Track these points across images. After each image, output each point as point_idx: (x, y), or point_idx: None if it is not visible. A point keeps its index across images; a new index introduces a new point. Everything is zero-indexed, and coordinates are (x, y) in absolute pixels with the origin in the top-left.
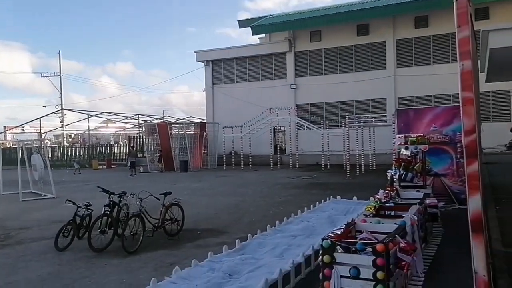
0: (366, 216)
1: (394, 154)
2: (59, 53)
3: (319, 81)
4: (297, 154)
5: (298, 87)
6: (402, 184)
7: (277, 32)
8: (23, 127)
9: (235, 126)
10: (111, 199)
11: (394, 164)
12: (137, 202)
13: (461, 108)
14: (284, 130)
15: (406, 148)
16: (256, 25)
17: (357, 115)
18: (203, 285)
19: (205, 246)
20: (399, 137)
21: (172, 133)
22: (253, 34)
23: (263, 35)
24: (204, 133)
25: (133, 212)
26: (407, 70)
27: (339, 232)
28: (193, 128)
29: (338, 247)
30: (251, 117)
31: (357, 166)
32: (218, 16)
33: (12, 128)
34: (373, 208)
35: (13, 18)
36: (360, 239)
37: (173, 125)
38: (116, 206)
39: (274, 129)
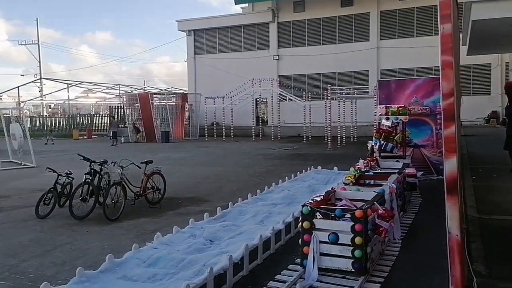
0: (346, 184)
1: (375, 125)
2: (37, 20)
3: (302, 53)
4: (279, 126)
5: (280, 58)
6: (382, 154)
7: (260, 2)
8: (0, 96)
9: (217, 97)
10: (92, 167)
11: (375, 135)
12: (118, 171)
13: (440, 71)
14: (266, 101)
15: (387, 119)
16: None
17: (339, 87)
18: (184, 250)
19: (186, 214)
20: (380, 107)
21: (154, 104)
22: (236, 4)
23: (246, 5)
24: (186, 104)
25: (114, 180)
26: (390, 42)
27: (318, 199)
28: (174, 99)
29: (317, 213)
30: (233, 88)
31: (339, 138)
32: None
33: None
34: (353, 177)
35: None
36: (339, 206)
37: (154, 95)
38: (97, 175)
39: (256, 100)
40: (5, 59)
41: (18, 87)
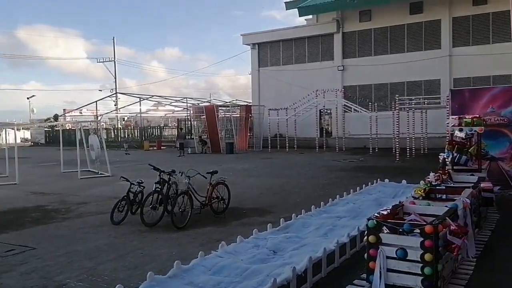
0: (415, 198)
1: (447, 137)
2: (113, 40)
3: (368, 62)
4: (343, 137)
5: (345, 69)
6: (455, 167)
7: (325, 13)
8: (81, 110)
9: (281, 109)
10: (161, 176)
11: (447, 147)
12: (186, 180)
13: None
14: (331, 112)
15: (460, 130)
16: (303, 6)
17: (408, 97)
18: (248, 260)
19: (250, 224)
20: (453, 118)
21: (219, 116)
22: (300, 16)
23: (310, 16)
24: (250, 116)
25: (182, 190)
26: (463, 50)
27: (385, 213)
28: (239, 111)
29: (384, 227)
30: (297, 100)
31: (407, 150)
32: None
33: (71, 111)
34: (423, 191)
35: (69, 5)
36: (408, 221)
37: (219, 107)
38: (166, 184)
39: (320, 111)
40: (85, 75)
41: (96, 101)
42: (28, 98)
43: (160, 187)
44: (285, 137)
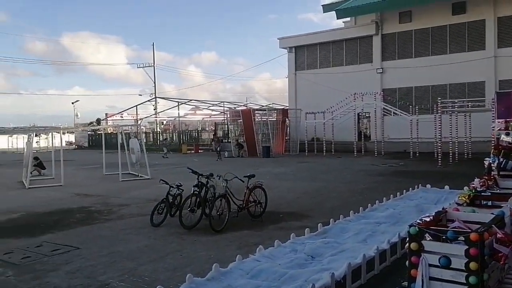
0: (459, 205)
1: (492, 141)
2: (153, 45)
3: (408, 64)
4: (382, 141)
5: (384, 71)
6: (501, 173)
7: (364, 15)
8: (122, 114)
9: (318, 112)
10: (199, 180)
11: (493, 151)
12: (223, 184)
13: None
14: (369, 116)
15: (507, 134)
16: (341, 8)
17: (450, 100)
18: (285, 264)
19: (287, 228)
20: (498, 122)
21: (255, 120)
22: (337, 18)
23: (348, 19)
24: (287, 119)
25: (219, 193)
26: (509, 51)
27: (428, 220)
28: (275, 115)
29: (426, 234)
30: (334, 103)
31: (450, 154)
32: (299, 1)
33: (113, 115)
34: (467, 197)
35: (110, 12)
36: (451, 228)
37: (256, 111)
38: (204, 187)
39: (358, 115)
40: (125, 80)
41: (136, 106)
42: (72, 103)
43: (198, 190)
44: (322, 141)
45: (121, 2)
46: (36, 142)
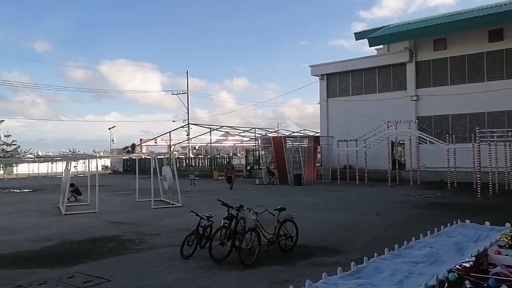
0: (500, 247)
1: None
2: (187, 73)
3: (443, 92)
4: (418, 170)
5: (419, 99)
6: None
7: (397, 42)
8: (156, 140)
9: (350, 140)
10: (230, 212)
11: None
12: (253, 217)
13: None
14: (404, 144)
15: None
16: (374, 36)
17: (489, 129)
18: None
19: (318, 264)
20: None
21: (286, 146)
22: (370, 46)
23: (381, 46)
24: (318, 147)
25: (250, 226)
26: None
27: (467, 265)
28: (307, 142)
29: (467, 281)
30: (367, 130)
31: (490, 185)
32: (330, 28)
33: (147, 141)
34: (509, 238)
35: (146, 41)
36: (493, 274)
37: (287, 138)
38: (234, 219)
39: (392, 143)
40: (159, 106)
41: (169, 132)
42: (109, 129)
43: (228, 222)
44: (355, 169)
45: (157, 31)
46: (74, 166)
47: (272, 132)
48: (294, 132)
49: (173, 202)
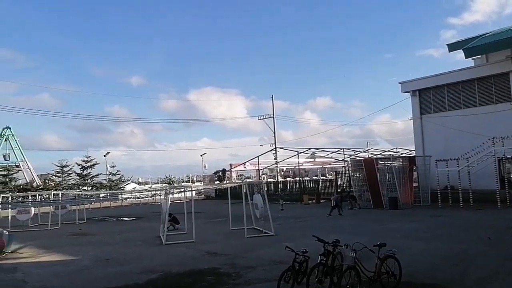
0: None
1: None
2: (272, 98)
3: None
4: None
5: None
6: None
7: (496, 51)
8: (245, 164)
9: (450, 159)
10: (326, 248)
11: None
12: (352, 254)
13: None
14: None
15: None
16: (470, 47)
17: None
18: None
19: None
20: None
21: (379, 168)
22: (466, 57)
23: (478, 56)
24: (414, 167)
25: (349, 265)
26: None
27: None
28: (401, 161)
29: None
30: (469, 148)
31: None
32: (417, 38)
33: (237, 166)
34: None
35: (231, 68)
36: None
37: (379, 160)
38: (331, 255)
39: (499, 160)
40: (246, 130)
41: (258, 156)
42: (201, 156)
43: (325, 259)
44: (458, 189)
45: (241, 58)
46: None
47: (361, 151)
48: (385, 151)
49: (265, 230)
